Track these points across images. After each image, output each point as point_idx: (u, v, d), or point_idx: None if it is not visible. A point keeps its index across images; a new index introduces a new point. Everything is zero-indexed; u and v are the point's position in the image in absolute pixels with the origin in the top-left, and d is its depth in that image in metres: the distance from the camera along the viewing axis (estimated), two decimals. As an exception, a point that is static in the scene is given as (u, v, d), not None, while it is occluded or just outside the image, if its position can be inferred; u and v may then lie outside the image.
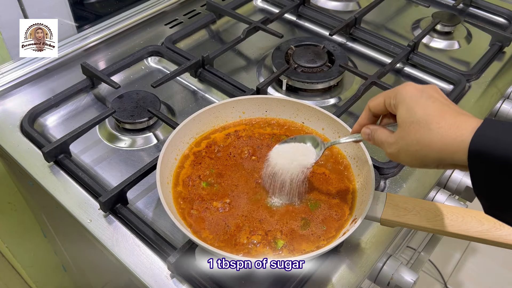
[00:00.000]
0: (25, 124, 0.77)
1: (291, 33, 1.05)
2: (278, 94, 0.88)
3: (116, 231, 0.64)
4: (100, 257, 0.68)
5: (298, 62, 0.90)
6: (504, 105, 0.92)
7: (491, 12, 1.12)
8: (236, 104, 0.72)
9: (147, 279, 0.59)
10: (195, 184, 0.64)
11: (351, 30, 1.01)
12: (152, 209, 0.68)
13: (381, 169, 0.73)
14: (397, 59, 0.92)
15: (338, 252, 0.63)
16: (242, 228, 0.59)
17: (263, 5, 1.13)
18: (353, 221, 0.58)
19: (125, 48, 0.96)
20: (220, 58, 0.92)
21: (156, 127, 0.80)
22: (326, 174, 0.66)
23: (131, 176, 0.67)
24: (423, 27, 1.06)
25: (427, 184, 0.74)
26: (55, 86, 0.86)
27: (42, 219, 0.98)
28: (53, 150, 0.71)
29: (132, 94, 0.82)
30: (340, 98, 0.88)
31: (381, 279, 0.66)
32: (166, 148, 0.63)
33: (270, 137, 0.71)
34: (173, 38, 0.96)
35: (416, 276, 0.65)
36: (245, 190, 0.64)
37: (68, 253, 1.04)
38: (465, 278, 1.70)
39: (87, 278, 1.07)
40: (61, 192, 0.69)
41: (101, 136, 0.79)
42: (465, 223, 0.56)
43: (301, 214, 0.61)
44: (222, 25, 1.06)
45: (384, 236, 0.66)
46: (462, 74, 0.91)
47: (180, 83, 0.90)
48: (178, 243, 0.63)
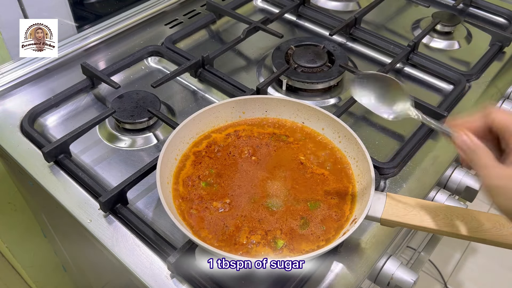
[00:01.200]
0: (25, 124, 0.77)
1: (291, 33, 1.05)
2: (278, 94, 0.88)
3: (116, 231, 0.64)
4: (100, 257, 0.68)
5: (298, 62, 0.90)
6: (504, 105, 0.92)
7: (491, 12, 1.12)
8: (236, 104, 0.72)
9: (147, 279, 0.59)
10: (195, 184, 0.64)
11: (351, 30, 1.01)
12: (152, 209, 0.68)
13: (381, 169, 0.73)
14: (397, 59, 0.92)
15: (338, 252, 0.63)
16: (242, 228, 0.59)
17: (263, 5, 1.13)
18: (353, 221, 0.58)
19: (125, 48, 0.96)
20: (220, 58, 0.92)
21: (156, 127, 0.80)
22: (325, 174, 0.66)
23: (131, 176, 0.67)
24: (423, 27, 1.06)
25: (427, 184, 0.74)
26: (55, 86, 0.86)
27: (42, 219, 0.98)
28: (53, 150, 0.71)
29: (132, 94, 0.82)
30: (340, 98, 0.88)
31: (381, 279, 0.66)
32: (166, 148, 0.63)
33: (270, 137, 0.71)
34: (173, 38, 0.96)
35: (416, 276, 0.65)
36: (245, 190, 0.64)
37: (68, 253, 1.04)
38: (465, 278, 1.70)
39: (87, 278, 1.07)
40: (61, 192, 0.69)
41: (101, 136, 0.79)
42: (465, 223, 0.56)
43: (300, 213, 0.61)
44: (222, 25, 1.06)
45: (384, 236, 0.66)
46: (462, 74, 0.91)
47: (180, 83, 0.90)
48: (178, 243, 0.63)
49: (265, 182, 0.65)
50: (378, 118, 0.83)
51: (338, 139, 0.69)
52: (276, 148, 0.70)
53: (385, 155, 0.77)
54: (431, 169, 0.76)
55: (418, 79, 0.94)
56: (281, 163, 0.68)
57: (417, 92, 0.90)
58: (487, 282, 1.69)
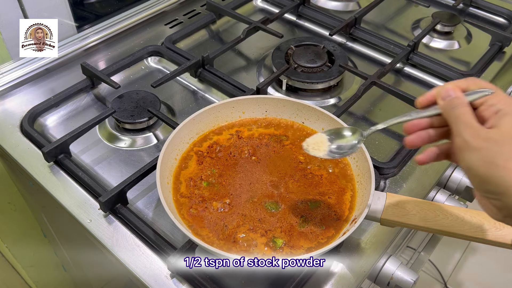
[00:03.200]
0: (25, 124, 0.77)
1: (291, 33, 1.05)
2: (278, 94, 0.88)
3: (116, 231, 0.64)
4: (100, 257, 0.68)
5: (298, 62, 0.90)
6: (504, 105, 0.92)
7: (491, 12, 1.12)
8: (236, 104, 0.72)
9: (147, 279, 0.59)
10: (196, 184, 0.64)
11: (351, 30, 1.01)
12: (152, 209, 0.68)
13: (381, 169, 0.73)
14: (397, 59, 0.92)
15: (338, 252, 0.63)
16: (242, 227, 0.59)
17: (263, 5, 1.13)
18: (353, 221, 0.58)
19: (125, 48, 0.96)
20: (220, 58, 0.92)
21: (156, 127, 0.80)
22: (325, 174, 0.66)
23: (131, 176, 0.67)
24: (423, 27, 1.06)
25: (427, 184, 0.74)
26: (55, 86, 0.86)
27: (42, 219, 0.98)
28: (53, 150, 0.71)
29: (132, 94, 0.82)
30: (340, 98, 0.88)
31: (381, 279, 0.66)
32: (166, 148, 0.63)
33: (270, 137, 0.71)
34: (173, 38, 0.96)
35: (416, 276, 0.65)
36: (245, 190, 0.64)
37: (68, 253, 1.04)
38: (465, 278, 1.70)
39: (87, 278, 1.07)
40: (61, 192, 0.69)
41: (101, 136, 0.79)
42: (465, 223, 0.56)
43: (300, 213, 0.61)
44: (222, 25, 1.06)
45: (384, 236, 0.66)
46: (462, 74, 0.91)
47: (180, 83, 0.90)
48: (178, 243, 0.63)
49: (265, 182, 0.65)
50: (378, 118, 0.83)
51: (338, 139, 0.69)
52: (276, 148, 0.70)
53: (385, 155, 0.77)
54: (431, 169, 0.76)
55: (418, 79, 0.94)
56: (281, 163, 0.68)
57: (417, 92, 0.90)
58: (487, 282, 1.69)
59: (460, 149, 0.43)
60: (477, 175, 0.41)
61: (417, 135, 0.48)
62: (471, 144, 0.41)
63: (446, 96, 0.46)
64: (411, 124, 0.49)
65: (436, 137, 0.48)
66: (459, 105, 0.44)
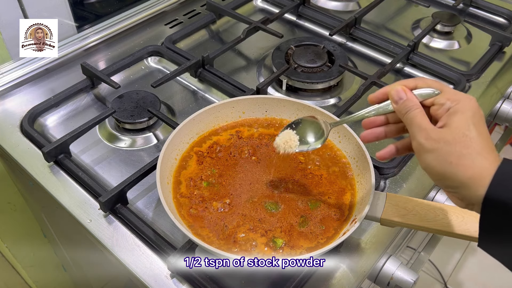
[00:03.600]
0: (25, 124, 0.77)
1: (291, 33, 1.05)
2: (278, 94, 0.88)
3: (116, 231, 0.64)
4: (100, 257, 0.68)
5: (298, 62, 0.90)
6: (504, 105, 0.92)
7: (491, 12, 1.12)
8: (236, 104, 0.72)
9: (147, 279, 0.59)
10: (196, 184, 0.64)
11: (351, 30, 1.01)
12: (152, 209, 0.68)
13: (381, 169, 0.73)
14: (397, 59, 0.92)
15: (338, 252, 0.63)
16: (242, 227, 0.59)
17: (263, 5, 1.13)
18: (353, 221, 0.58)
19: (125, 48, 0.96)
20: (220, 58, 0.92)
21: (156, 127, 0.80)
22: (325, 174, 0.66)
23: (131, 176, 0.67)
24: (423, 27, 1.06)
25: (427, 184, 0.74)
26: (55, 86, 0.86)
27: (42, 219, 0.98)
28: (53, 150, 0.71)
29: (132, 94, 0.82)
30: (340, 98, 0.88)
31: (381, 279, 0.66)
32: (166, 148, 0.63)
33: (270, 137, 0.71)
34: (173, 38, 0.96)
35: (416, 276, 0.65)
36: (245, 190, 0.64)
37: (68, 253, 1.04)
38: (465, 278, 1.70)
39: (87, 278, 1.07)
40: (61, 192, 0.69)
41: (101, 136, 0.79)
42: (465, 223, 0.56)
43: (300, 213, 0.61)
44: (222, 25, 1.06)
45: (384, 236, 0.66)
46: (462, 74, 0.91)
47: (180, 83, 0.90)
48: (178, 243, 0.63)
49: (265, 182, 0.65)
50: (378, 118, 0.83)
51: (338, 139, 0.69)
52: (276, 148, 0.70)
53: (385, 155, 0.77)
54: (431, 169, 0.75)
55: (418, 79, 0.94)
56: (281, 163, 0.68)
57: (417, 92, 0.90)
58: (487, 282, 1.69)
59: (417, 151, 0.46)
60: (435, 173, 0.44)
61: (371, 131, 0.52)
62: (425, 146, 0.44)
63: (398, 99, 0.48)
64: (367, 120, 0.52)
65: (392, 134, 0.52)
66: (412, 107, 0.47)
